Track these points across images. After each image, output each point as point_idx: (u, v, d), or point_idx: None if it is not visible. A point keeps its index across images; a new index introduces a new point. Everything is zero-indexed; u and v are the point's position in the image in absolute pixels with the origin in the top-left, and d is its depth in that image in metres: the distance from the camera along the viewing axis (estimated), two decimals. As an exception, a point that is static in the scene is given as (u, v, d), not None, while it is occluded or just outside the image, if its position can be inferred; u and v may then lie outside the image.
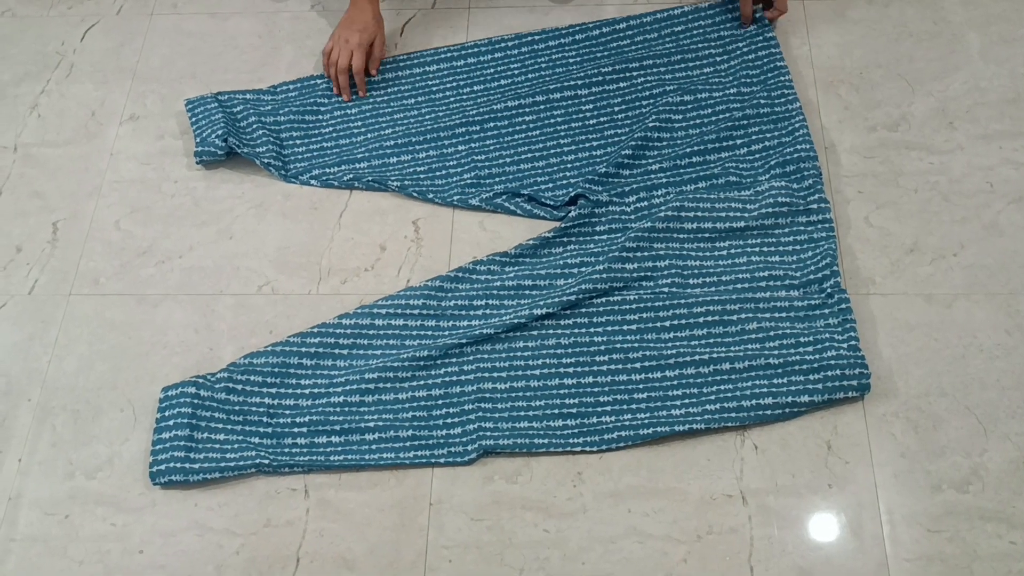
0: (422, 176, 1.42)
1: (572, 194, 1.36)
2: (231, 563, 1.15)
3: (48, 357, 1.30)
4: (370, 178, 1.41)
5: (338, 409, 1.22)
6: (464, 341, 1.25)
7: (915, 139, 1.39)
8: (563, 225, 1.34)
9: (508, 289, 1.30)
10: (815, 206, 1.31)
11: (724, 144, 1.38)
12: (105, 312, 1.34)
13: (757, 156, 1.37)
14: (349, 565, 1.14)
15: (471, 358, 1.25)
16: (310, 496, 1.18)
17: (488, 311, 1.29)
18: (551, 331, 1.26)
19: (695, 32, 1.51)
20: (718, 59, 1.48)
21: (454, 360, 1.25)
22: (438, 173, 1.42)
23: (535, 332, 1.26)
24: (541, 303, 1.27)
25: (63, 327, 1.33)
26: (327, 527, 1.16)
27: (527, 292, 1.30)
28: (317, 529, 1.16)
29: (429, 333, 1.28)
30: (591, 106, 1.45)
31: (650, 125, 1.40)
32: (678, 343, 1.24)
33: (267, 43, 1.59)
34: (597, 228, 1.34)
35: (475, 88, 1.49)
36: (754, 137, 1.38)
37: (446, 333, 1.27)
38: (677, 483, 1.16)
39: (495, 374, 1.23)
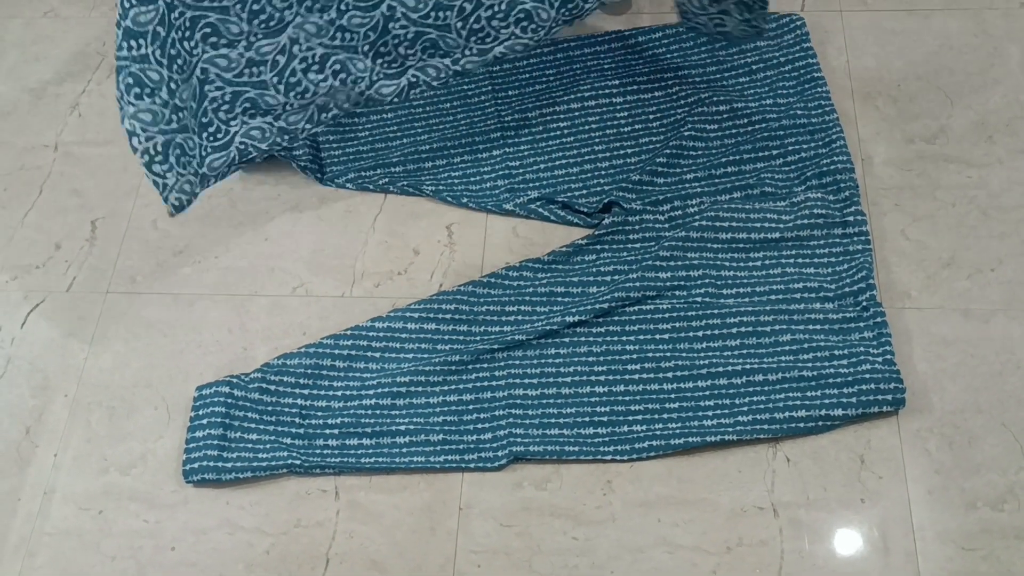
0: (456, 181, 1.42)
1: (606, 201, 1.36)
2: (261, 562, 1.15)
3: (84, 354, 1.32)
4: (405, 182, 1.42)
5: (370, 412, 1.23)
6: (496, 347, 1.25)
7: (953, 152, 1.38)
8: (596, 232, 1.34)
9: (540, 295, 1.30)
10: (851, 218, 1.30)
11: (760, 154, 1.38)
12: (141, 310, 1.35)
13: (793, 167, 1.37)
14: (379, 567, 1.14)
15: (502, 364, 1.25)
16: (340, 498, 1.19)
17: (520, 317, 1.29)
18: (583, 339, 1.26)
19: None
20: (754, 68, 1.47)
21: (485, 365, 1.25)
22: (472, 178, 1.42)
23: (567, 339, 1.26)
24: (573, 310, 1.27)
25: (100, 324, 1.34)
26: (357, 529, 1.17)
27: (559, 299, 1.30)
28: (347, 531, 1.16)
29: (461, 338, 1.28)
30: (626, 114, 1.45)
31: (685, 134, 1.39)
32: (711, 353, 1.23)
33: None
34: (631, 236, 1.34)
35: (510, 93, 1.50)
36: (790, 148, 1.38)
37: (478, 339, 1.28)
38: (708, 494, 1.15)
39: (526, 380, 1.23)
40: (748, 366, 1.21)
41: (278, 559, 1.15)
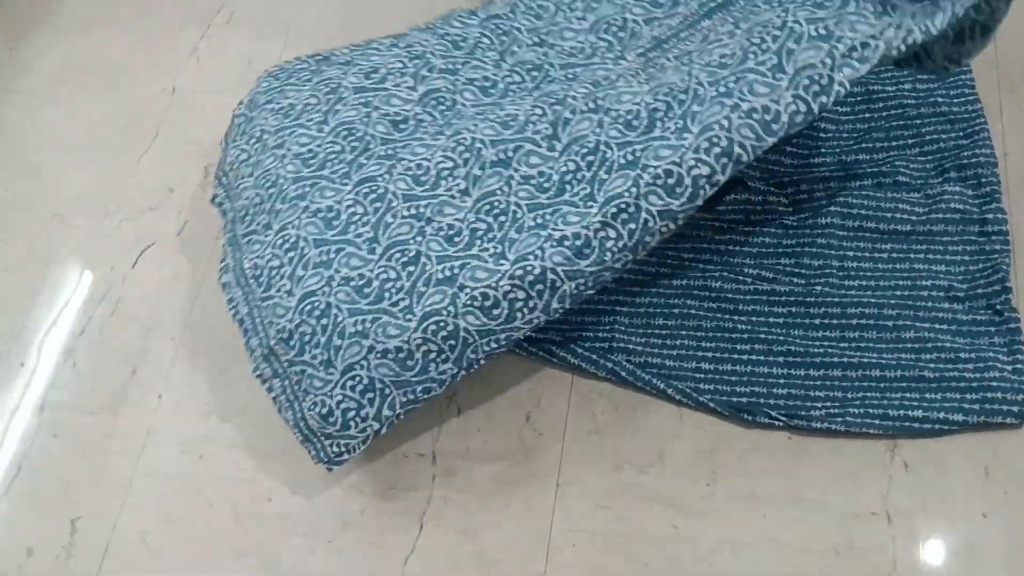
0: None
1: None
2: (355, 521, 1.15)
3: (193, 299, 1.33)
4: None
5: None
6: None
7: (1106, 151, 1.29)
8: (717, 208, 1.29)
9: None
10: (991, 215, 1.22)
11: (894, 142, 1.31)
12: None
13: (930, 158, 1.29)
14: (470, 536, 1.13)
15: (607, 329, 1.22)
16: (437, 463, 1.17)
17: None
18: (693, 312, 1.22)
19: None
20: (891, 51, 1.40)
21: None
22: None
23: (676, 311, 1.22)
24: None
25: (208, 271, 1.35)
26: (452, 496, 1.15)
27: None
28: (442, 497, 1.15)
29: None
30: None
31: (815, 115, 1.33)
32: (826, 343, 1.18)
33: (420, 3, 1.57)
34: (751, 217, 1.29)
35: None
36: (928, 137, 1.30)
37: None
38: (819, 494, 1.10)
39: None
40: (865, 360, 1.16)
41: (372, 519, 1.15)
